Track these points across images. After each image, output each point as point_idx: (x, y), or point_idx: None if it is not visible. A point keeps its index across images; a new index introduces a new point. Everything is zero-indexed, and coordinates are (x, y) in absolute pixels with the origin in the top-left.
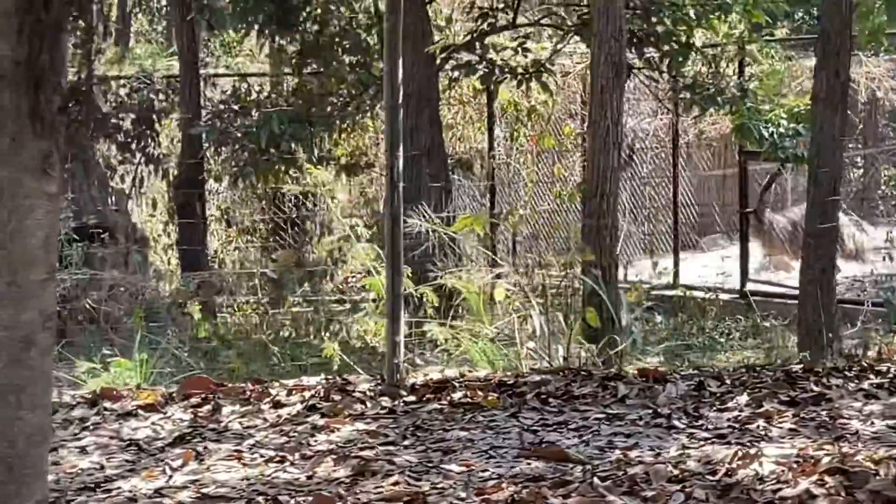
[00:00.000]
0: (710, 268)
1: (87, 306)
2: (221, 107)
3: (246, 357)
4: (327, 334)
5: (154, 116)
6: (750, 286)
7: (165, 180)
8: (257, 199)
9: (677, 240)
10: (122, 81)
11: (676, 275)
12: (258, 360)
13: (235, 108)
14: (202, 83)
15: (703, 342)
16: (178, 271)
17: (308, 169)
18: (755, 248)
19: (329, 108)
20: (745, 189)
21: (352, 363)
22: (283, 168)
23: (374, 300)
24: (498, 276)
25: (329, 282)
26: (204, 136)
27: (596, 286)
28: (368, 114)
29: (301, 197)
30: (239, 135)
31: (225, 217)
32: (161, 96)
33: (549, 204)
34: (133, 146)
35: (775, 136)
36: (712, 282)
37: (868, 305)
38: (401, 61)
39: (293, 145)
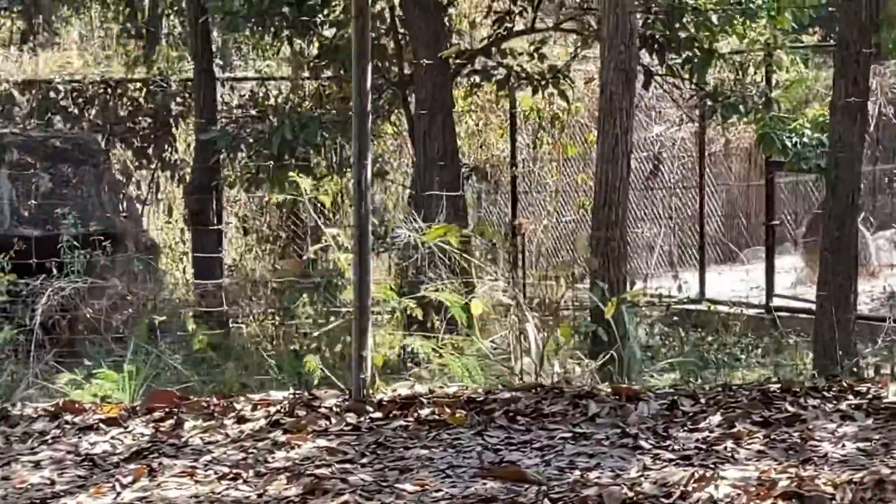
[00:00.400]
0: (746, 281)
1: (88, 316)
2: (238, 111)
3: (252, 369)
4: (338, 346)
5: (171, 121)
6: (781, 302)
7: (182, 187)
8: (276, 207)
9: (703, 252)
10: (137, 84)
11: (702, 289)
12: (257, 372)
13: (253, 112)
14: (221, 86)
15: (721, 359)
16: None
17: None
18: (795, 261)
19: (349, 113)
20: (772, 200)
21: (332, 376)
22: (297, 175)
23: (390, 312)
24: (505, 291)
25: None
26: (218, 141)
27: (599, 301)
28: (388, 119)
29: (321, 205)
30: (252, 140)
31: (243, 225)
32: (178, 100)
33: (573, 214)
34: (150, 151)
35: (799, 146)
36: (747, 296)
37: (890, 322)
38: (369, 68)
39: (311, 151)
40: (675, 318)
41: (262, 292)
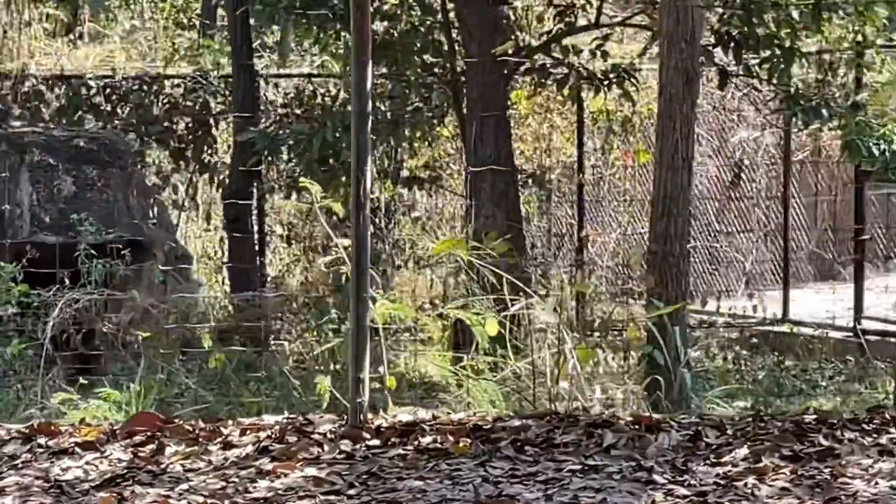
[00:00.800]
0: (844, 301)
1: (105, 330)
2: (281, 110)
3: (281, 390)
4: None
5: (211, 120)
6: (873, 325)
7: (221, 191)
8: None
9: (787, 268)
10: (176, 81)
11: (786, 308)
12: (280, 391)
13: (297, 111)
14: (265, 83)
15: (797, 386)
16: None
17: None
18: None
19: (403, 114)
20: (862, 212)
21: (344, 400)
22: (343, 180)
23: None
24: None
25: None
26: (256, 142)
27: (650, 321)
28: (441, 121)
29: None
30: (292, 142)
31: (287, 233)
32: (219, 98)
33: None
34: (188, 153)
35: (887, 153)
36: (843, 317)
37: None
38: (369, 66)
39: None
40: (754, 340)
41: (296, 306)
